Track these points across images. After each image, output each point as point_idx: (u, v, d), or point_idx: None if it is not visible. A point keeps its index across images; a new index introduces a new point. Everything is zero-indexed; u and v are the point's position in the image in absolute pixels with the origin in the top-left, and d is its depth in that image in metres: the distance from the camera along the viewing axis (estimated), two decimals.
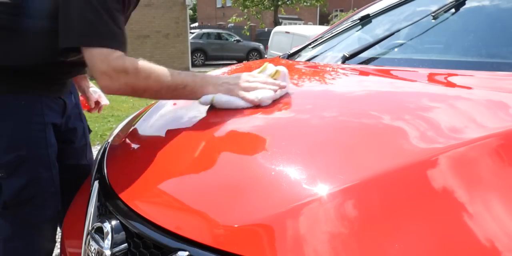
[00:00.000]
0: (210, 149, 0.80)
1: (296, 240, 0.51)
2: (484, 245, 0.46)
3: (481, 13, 1.25)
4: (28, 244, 1.10)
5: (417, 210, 0.51)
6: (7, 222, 1.10)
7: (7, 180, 1.05)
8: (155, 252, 0.62)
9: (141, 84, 0.91)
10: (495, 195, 0.51)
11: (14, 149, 1.05)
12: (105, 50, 0.90)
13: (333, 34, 1.53)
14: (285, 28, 9.67)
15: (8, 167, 1.05)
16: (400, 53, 1.26)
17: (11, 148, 1.05)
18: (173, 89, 0.93)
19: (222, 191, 0.64)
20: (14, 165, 1.05)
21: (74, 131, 1.27)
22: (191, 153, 0.81)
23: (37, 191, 1.07)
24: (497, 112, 0.72)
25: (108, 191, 0.81)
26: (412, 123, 0.72)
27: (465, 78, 0.96)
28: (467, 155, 0.58)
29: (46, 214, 1.10)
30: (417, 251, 0.46)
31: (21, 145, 1.06)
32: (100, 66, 0.90)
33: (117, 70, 0.89)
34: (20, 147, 1.05)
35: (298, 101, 0.97)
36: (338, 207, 0.53)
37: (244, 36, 18.90)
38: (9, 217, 1.09)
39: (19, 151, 1.05)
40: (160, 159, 0.84)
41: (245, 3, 17.06)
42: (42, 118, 1.09)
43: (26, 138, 1.06)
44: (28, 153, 1.06)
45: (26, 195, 1.05)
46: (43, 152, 1.07)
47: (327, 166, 0.62)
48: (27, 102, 1.06)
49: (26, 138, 1.06)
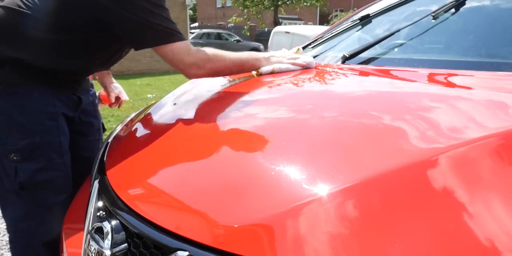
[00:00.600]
0: (210, 149, 0.80)
1: (296, 240, 0.51)
2: (484, 245, 0.46)
3: (481, 13, 1.25)
4: (40, 224, 1.18)
5: (417, 210, 0.51)
6: (21, 203, 1.19)
7: (22, 164, 1.15)
8: (155, 252, 0.62)
9: (221, 66, 1.15)
10: (495, 195, 0.51)
11: (29, 136, 1.16)
12: (184, 44, 1.08)
13: (333, 34, 1.53)
14: (285, 28, 9.66)
15: (22, 152, 1.15)
16: (400, 53, 1.26)
17: (26, 135, 1.16)
18: (240, 65, 1.19)
19: (222, 191, 0.64)
20: (28, 150, 1.15)
21: (89, 125, 1.35)
22: (191, 153, 0.81)
23: (50, 175, 1.16)
24: (497, 112, 0.72)
25: (108, 191, 0.81)
26: (412, 123, 0.72)
27: (465, 78, 0.96)
28: (467, 155, 0.58)
29: (58, 197, 1.18)
30: (418, 251, 0.46)
31: (34, 132, 1.16)
32: (188, 59, 1.09)
33: (204, 60, 1.10)
34: (34, 134, 1.16)
35: (298, 101, 0.97)
36: (338, 207, 0.53)
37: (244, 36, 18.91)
38: (24, 198, 1.18)
39: (33, 137, 1.15)
40: (160, 159, 0.84)
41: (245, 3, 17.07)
42: (54, 109, 1.19)
43: (39, 126, 1.17)
44: (41, 140, 1.16)
45: (40, 178, 1.14)
46: (55, 139, 1.17)
47: (327, 166, 0.62)
48: (40, 94, 1.16)
49: (39, 126, 1.17)
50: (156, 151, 0.87)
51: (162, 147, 0.86)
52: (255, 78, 1.22)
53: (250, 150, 0.74)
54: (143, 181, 0.77)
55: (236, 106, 1.02)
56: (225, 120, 0.91)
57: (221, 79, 1.42)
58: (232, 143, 0.79)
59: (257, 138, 0.78)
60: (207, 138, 0.84)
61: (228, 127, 0.87)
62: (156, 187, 0.73)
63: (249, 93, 1.15)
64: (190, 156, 0.80)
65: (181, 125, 0.99)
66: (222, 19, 29.97)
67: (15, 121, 1.16)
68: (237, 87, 1.29)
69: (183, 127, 0.96)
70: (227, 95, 1.15)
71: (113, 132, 1.28)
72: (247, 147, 0.76)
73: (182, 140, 0.86)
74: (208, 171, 0.71)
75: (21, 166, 1.16)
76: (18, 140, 1.16)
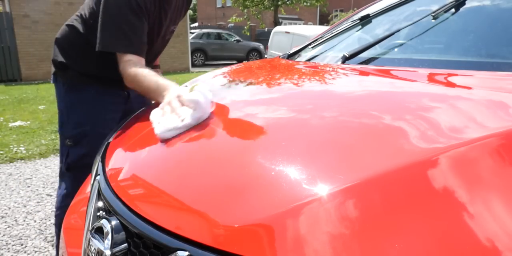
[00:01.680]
0: (210, 149, 0.80)
1: (296, 240, 0.51)
2: (484, 245, 0.46)
3: (481, 13, 1.25)
4: None
5: (418, 210, 0.51)
6: (68, 182, 1.46)
7: (73, 148, 1.45)
8: (155, 252, 0.62)
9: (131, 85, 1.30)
10: (496, 195, 0.51)
11: (81, 125, 1.44)
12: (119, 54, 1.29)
13: (333, 34, 1.53)
14: (285, 28, 9.66)
15: (75, 138, 1.45)
16: (400, 53, 1.26)
17: (79, 124, 1.45)
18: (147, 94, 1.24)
19: (222, 191, 0.64)
20: (79, 138, 1.44)
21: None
22: (191, 153, 0.81)
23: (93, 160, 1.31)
24: (498, 112, 0.72)
25: (108, 191, 0.81)
26: (412, 123, 0.71)
27: (465, 78, 0.96)
28: (467, 155, 0.58)
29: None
30: (418, 251, 0.46)
31: (86, 123, 1.44)
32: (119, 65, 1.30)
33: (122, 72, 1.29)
34: (85, 124, 1.44)
35: (298, 101, 0.97)
36: (338, 207, 0.53)
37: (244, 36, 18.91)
38: (71, 177, 1.44)
39: (84, 127, 1.44)
40: (160, 159, 0.84)
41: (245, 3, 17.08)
42: (105, 103, 1.47)
43: (91, 117, 1.45)
44: (91, 129, 1.43)
45: (85, 161, 1.30)
46: (102, 131, 1.36)
47: (327, 166, 0.62)
48: (95, 91, 1.45)
49: (91, 117, 1.45)
50: (156, 151, 0.87)
51: (162, 147, 0.86)
52: (255, 78, 1.22)
53: (250, 150, 0.74)
54: (143, 181, 0.77)
55: (237, 106, 1.02)
56: (225, 120, 0.91)
57: (221, 79, 1.42)
58: (232, 143, 0.79)
59: (257, 138, 0.78)
60: (207, 138, 0.84)
61: (228, 127, 0.87)
62: (156, 187, 0.73)
63: (249, 93, 1.15)
64: (190, 156, 0.80)
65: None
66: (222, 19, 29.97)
67: (74, 112, 1.46)
68: (237, 87, 1.29)
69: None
70: (227, 95, 1.15)
71: (113, 132, 1.28)
72: (247, 147, 0.76)
73: (181, 140, 0.86)
74: (208, 171, 0.71)
75: (72, 150, 1.44)
76: (73, 128, 1.45)
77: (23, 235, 2.20)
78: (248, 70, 1.54)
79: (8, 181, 3.03)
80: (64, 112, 1.48)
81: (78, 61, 1.45)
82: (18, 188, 2.90)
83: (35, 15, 9.89)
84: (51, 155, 3.71)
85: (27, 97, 7.08)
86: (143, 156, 0.89)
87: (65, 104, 1.48)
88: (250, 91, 1.17)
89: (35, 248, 2.07)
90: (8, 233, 2.22)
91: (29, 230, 2.26)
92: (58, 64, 1.48)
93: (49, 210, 2.51)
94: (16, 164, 3.46)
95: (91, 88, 1.45)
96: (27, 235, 2.20)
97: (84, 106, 1.45)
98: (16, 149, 3.81)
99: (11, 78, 9.80)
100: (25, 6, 9.74)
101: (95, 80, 1.43)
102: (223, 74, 1.50)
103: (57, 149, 3.81)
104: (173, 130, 0.87)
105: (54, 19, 9.96)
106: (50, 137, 4.29)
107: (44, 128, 4.67)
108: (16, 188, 2.90)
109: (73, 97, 1.47)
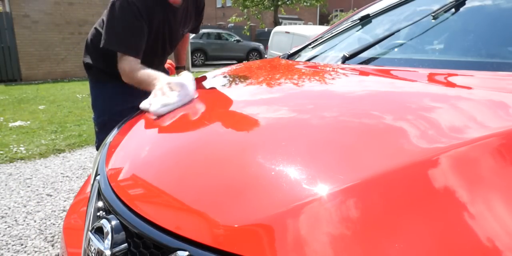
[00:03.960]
0: (210, 149, 0.80)
1: (296, 240, 0.51)
2: (485, 245, 0.46)
3: (481, 13, 1.25)
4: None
5: (418, 210, 0.51)
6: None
7: (98, 133, 1.84)
8: (155, 252, 0.62)
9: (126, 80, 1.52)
10: (496, 195, 0.51)
11: (103, 114, 1.80)
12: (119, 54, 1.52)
13: (333, 34, 1.53)
14: (285, 28, 9.66)
15: (99, 126, 1.83)
16: (400, 53, 1.26)
17: (101, 113, 1.81)
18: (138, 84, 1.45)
19: (222, 191, 0.64)
20: (101, 125, 1.79)
21: None
22: (191, 153, 0.81)
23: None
24: (498, 112, 0.72)
25: (108, 191, 0.81)
26: (413, 123, 0.71)
27: (466, 78, 0.96)
28: (468, 155, 0.58)
29: None
30: (418, 251, 0.46)
31: (106, 113, 1.79)
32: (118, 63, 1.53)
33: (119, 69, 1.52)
34: (106, 113, 1.78)
35: (299, 101, 0.97)
36: (338, 207, 0.53)
37: (244, 36, 18.90)
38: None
39: (105, 116, 1.78)
40: (160, 159, 0.84)
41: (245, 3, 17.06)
42: (121, 97, 1.72)
43: (109, 109, 1.78)
44: (109, 119, 1.73)
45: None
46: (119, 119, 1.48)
47: (327, 166, 0.62)
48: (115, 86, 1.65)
49: (109, 109, 1.78)
50: (156, 151, 0.87)
51: (162, 147, 0.86)
52: (255, 78, 1.22)
53: (250, 150, 0.74)
54: (143, 181, 0.77)
55: (237, 106, 1.02)
56: (225, 120, 0.91)
57: (221, 79, 1.42)
58: (232, 143, 0.79)
59: (257, 138, 0.78)
60: (207, 138, 0.84)
61: (228, 127, 0.87)
62: (156, 187, 0.73)
63: (249, 93, 1.15)
64: (190, 156, 0.80)
65: (180, 125, 0.99)
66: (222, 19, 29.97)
67: (98, 103, 1.81)
68: (237, 87, 1.29)
69: (182, 126, 0.96)
70: (227, 95, 1.15)
71: (113, 132, 1.28)
72: (247, 147, 0.76)
73: (181, 140, 0.86)
74: (208, 171, 0.71)
75: (98, 135, 1.83)
76: (97, 117, 1.82)
77: (23, 235, 2.19)
78: (248, 70, 1.54)
79: (8, 181, 3.03)
80: (92, 104, 1.83)
81: (100, 60, 1.73)
82: (18, 188, 2.90)
83: (35, 15, 9.89)
84: (51, 155, 3.71)
85: (27, 97, 7.08)
86: (143, 156, 0.89)
87: (92, 97, 1.84)
88: (250, 91, 1.17)
89: (35, 248, 2.07)
90: (8, 233, 2.22)
91: (29, 230, 2.25)
92: (85, 64, 1.79)
93: (49, 210, 2.51)
94: (16, 164, 3.46)
95: (110, 83, 1.71)
96: (27, 235, 2.19)
97: (104, 99, 1.79)
98: (16, 149, 3.81)
99: (11, 78, 9.79)
100: (25, 6, 9.74)
101: (114, 77, 1.61)
102: (223, 74, 1.50)
103: (57, 149, 3.81)
104: (166, 106, 1.06)
105: (54, 19, 9.97)
106: (50, 137, 4.28)
107: (44, 128, 4.67)
108: (16, 188, 2.90)
109: (96, 91, 1.83)
